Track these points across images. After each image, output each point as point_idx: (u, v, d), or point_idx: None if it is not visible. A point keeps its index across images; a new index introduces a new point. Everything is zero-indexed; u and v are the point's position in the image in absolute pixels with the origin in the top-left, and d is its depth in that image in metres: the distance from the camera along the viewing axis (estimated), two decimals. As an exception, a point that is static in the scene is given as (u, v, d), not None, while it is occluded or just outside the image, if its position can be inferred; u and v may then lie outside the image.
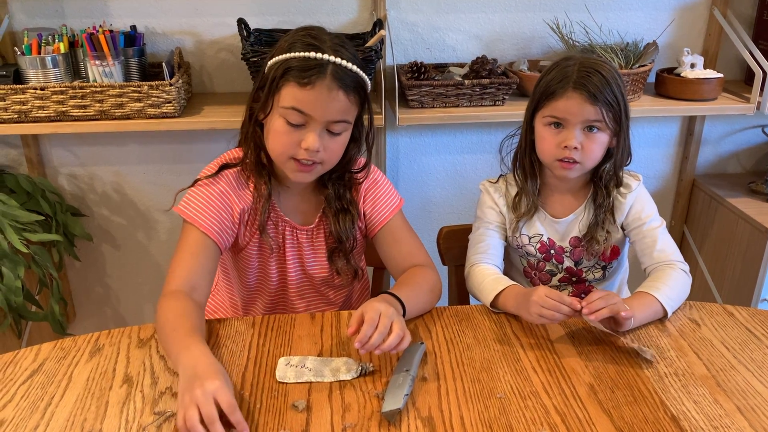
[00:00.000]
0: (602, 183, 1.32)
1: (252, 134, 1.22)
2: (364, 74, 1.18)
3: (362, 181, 1.30)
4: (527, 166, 1.34)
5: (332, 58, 1.12)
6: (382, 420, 0.95)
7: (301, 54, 1.13)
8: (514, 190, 1.37)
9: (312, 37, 1.15)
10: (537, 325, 1.17)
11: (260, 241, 1.28)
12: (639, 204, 1.33)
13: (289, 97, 1.13)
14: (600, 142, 1.25)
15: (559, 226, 1.36)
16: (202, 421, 0.89)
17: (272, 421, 0.95)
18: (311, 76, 1.11)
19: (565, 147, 1.23)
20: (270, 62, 1.18)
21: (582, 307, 1.09)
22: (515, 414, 0.96)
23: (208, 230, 1.19)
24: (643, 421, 0.95)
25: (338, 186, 1.27)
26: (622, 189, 1.33)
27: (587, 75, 1.21)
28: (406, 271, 1.27)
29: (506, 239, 1.40)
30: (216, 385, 0.92)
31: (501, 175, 1.42)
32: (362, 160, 1.30)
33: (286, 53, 1.14)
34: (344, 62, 1.13)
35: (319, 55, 1.12)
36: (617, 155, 1.29)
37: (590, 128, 1.24)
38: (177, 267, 1.18)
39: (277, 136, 1.16)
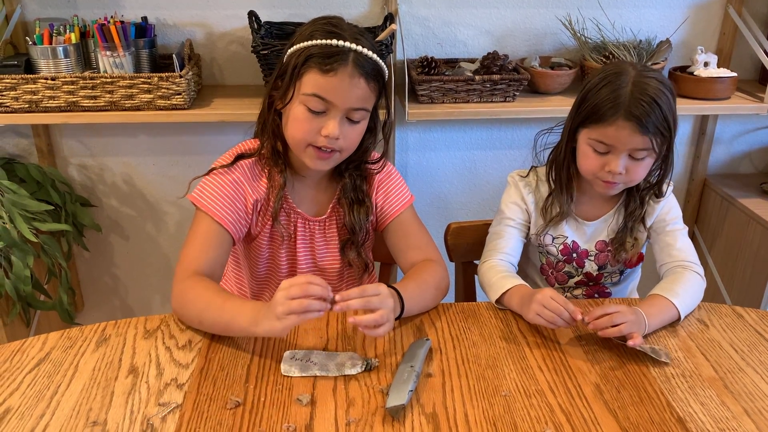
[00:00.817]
0: (638, 192, 1.30)
1: (270, 123, 1.22)
2: (382, 63, 1.19)
3: (377, 173, 1.30)
4: (564, 177, 1.30)
5: (353, 45, 1.13)
6: (386, 415, 0.94)
7: (323, 41, 1.13)
8: (544, 187, 1.34)
9: (333, 25, 1.17)
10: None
11: (272, 231, 1.28)
12: (667, 207, 1.32)
13: (311, 83, 1.13)
14: (645, 165, 1.22)
15: (587, 228, 1.34)
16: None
17: (276, 414, 0.95)
18: (334, 63, 1.12)
19: (609, 171, 1.21)
20: (290, 50, 1.18)
21: (583, 319, 1.09)
22: (520, 412, 0.96)
23: (221, 219, 1.19)
24: (649, 422, 0.94)
25: (355, 176, 1.28)
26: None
27: (640, 103, 1.15)
28: (415, 265, 1.27)
29: (527, 237, 1.38)
30: (279, 291, 1.00)
31: (532, 167, 1.39)
32: (376, 154, 1.30)
33: (307, 41, 1.15)
34: (365, 50, 1.14)
35: (341, 42, 1.13)
36: (664, 171, 1.27)
37: (637, 155, 1.20)
38: (189, 254, 1.18)
39: (298, 123, 1.17)
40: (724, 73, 1.90)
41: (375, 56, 1.16)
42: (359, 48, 1.13)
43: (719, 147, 2.20)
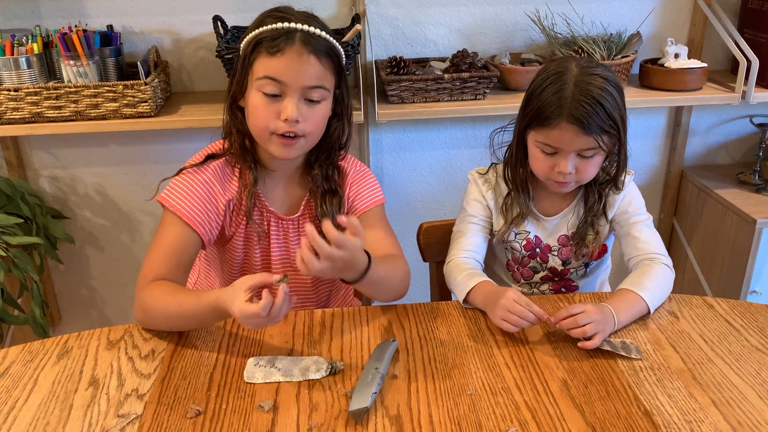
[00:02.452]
0: (595, 186, 1.29)
1: (234, 120, 1.22)
2: (335, 42, 1.18)
3: (347, 166, 1.30)
4: (518, 178, 1.30)
5: (299, 25, 1.13)
6: (349, 419, 0.93)
7: (270, 26, 1.13)
8: (503, 185, 1.34)
9: (279, 11, 1.17)
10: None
11: (246, 231, 1.27)
12: (628, 198, 1.31)
13: (261, 68, 1.13)
14: (595, 163, 1.21)
15: (547, 224, 1.33)
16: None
17: (237, 422, 0.93)
18: (280, 44, 1.12)
19: (559, 172, 1.20)
20: (242, 43, 1.18)
21: (550, 319, 1.09)
22: (485, 411, 0.95)
23: (190, 220, 1.17)
24: (616, 417, 0.93)
25: (326, 166, 1.26)
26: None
27: (582, 104, 1.14)
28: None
29: (491, 233, 1.37)
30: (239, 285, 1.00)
31: (492, 164, 1.38)
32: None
33: (255, 29, 1.15)
34: (312, 28, 1.14)
35: (286, 24, 1.13)
36: (618, 164, 1.26)
37: (586, 153, 1.20)
38: (151, 261, 1.16)
39: (256, 111, 1.16)
40: (695, 64, 1.89)
41: (325, 34, 1.15)
42: (305, 27, 1.13)
43: (695, 138, 2.20)
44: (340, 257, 1.00)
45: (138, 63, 1.67)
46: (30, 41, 1.70)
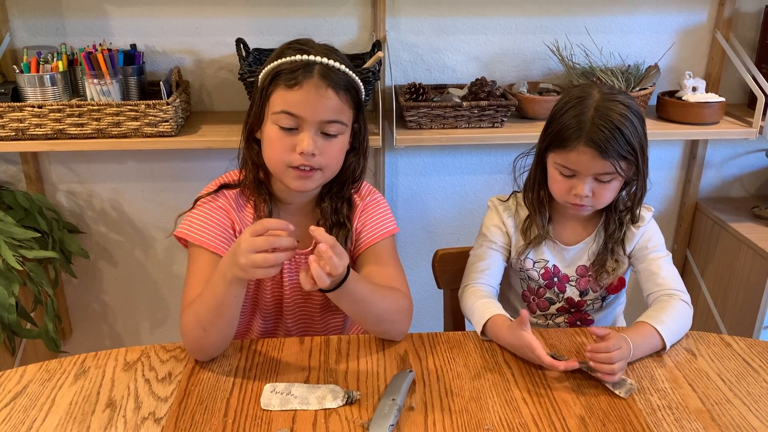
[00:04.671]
0: (615, 214, 1.30)
1: (249, 152, 1.21)
2: (355, 76, 1.17)
3: (359, 198, 1.28)
4: (535, 200, 1.31)
5: (318, 58, 1.12)
6: (366, 451, 0.93)
7: (289, 59, 1.13)
8: (524, 211, 1.34)
9: (300, 43, 1.16)
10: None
11: None
12: (648, 234, 1.31)
13: (278, 101, 1.12)
14: (612, 188, 1.23)
15: (567, 253, 1.33)
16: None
17: (254, 450, 0.93)
18: (298, 77, 1.11)
19: (576, 194, 1.21)
20: (261, 75, 1.18)
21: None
22: (502, 447, 0.94)
23: (215, 248, 1.18)
24: (634, 457, 0.93)
25: (336, 200, 1.25)
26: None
27: (601, 128, 1.15)
28: None
29: (508, 260, 1.37)
30: (243, 241, 0.98)
31: (513, 192, 1.39)
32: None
33: (274, 61, 1.15)
34: (332, 62, 1.13)
35: (305, 57, 1.12)
36: (635, 195, 1.27)
37: (603, 178, 1.21)
38: (186, 293, 1.16)
39: (272, 144, 1.15)
40: (713, 98, 1.90)
41: (344, 68, 1.15)
42: (325, 60, 1.12)
43: (710, 171, 2.20)
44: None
45: (161, 83, 1.69)
46: (55, 59, 1.72)
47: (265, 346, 1.18)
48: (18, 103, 1.65)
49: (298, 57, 1.12)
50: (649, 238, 1.30)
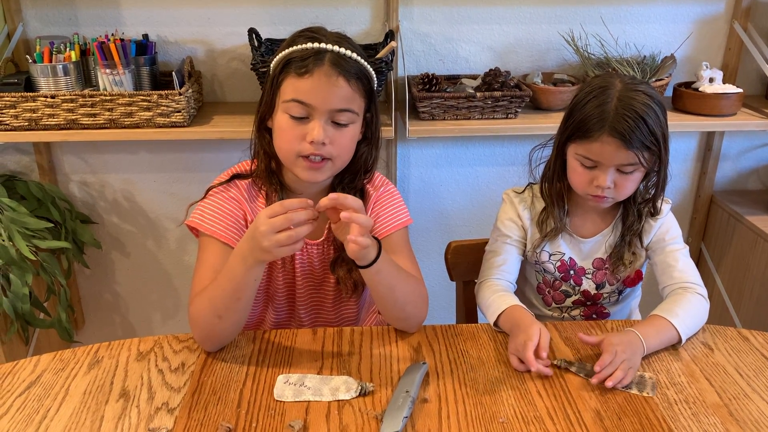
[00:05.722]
0: (634, 206, 1.28)
1: (261, 141, 1.21)
2: (367, 64, 1.16)
3: (372, 189, 1.27)
4: (554, 192, 1.29)
5: (329, 46, 1.11)
6: (379, 443, 0.92)
7: (300, 47, 1.12)
8: (540, 203, 1.33)
9: (312, 31, 1.15)
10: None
11: None
12: (665, 226, 1.29)
13: (289, 89, 1.12)
14: (634, 179, 1.21)
15: (583, 246, 1.32)
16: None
17: (267, 441, 0.93)
18: (308, 65, 1.10)
19: (597, 186, 1.20)
20: (272, 63, 1.17)
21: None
22: (517, 440, 0.93)
23: (226, 238, 1.17)
24: (651, 451, 0.92)
25: (348, 190, 1.24)
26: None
27: (625, 118, 1.14)
28: None
29: (524, 254, 1.36)
30: (261, 224, 0.99)
31: (528, 184, 1.37)
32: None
33: (285, 49, 1.14)
34: (343, 50, 1.12)
35: (316, 44, 1.11)
36: (656, 187, 1.25)
37: (625, 169, 1.19)
38: (195, 281, 1.16)
39: (282, 133, 1.14)
40: (730, 89, 1.87)
41: (356, 56, 1.14)
42: (336, 48, 1.11)
43: (726, 163, 2.17)
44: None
45: (173, 73, 1.69)
46: (68, 49, 1.72)
47: (278, 336, 1.17)
48: (31, 93, 1.66)
49: (310, 45, 1.11)
50: (666, 230, 1.29)
